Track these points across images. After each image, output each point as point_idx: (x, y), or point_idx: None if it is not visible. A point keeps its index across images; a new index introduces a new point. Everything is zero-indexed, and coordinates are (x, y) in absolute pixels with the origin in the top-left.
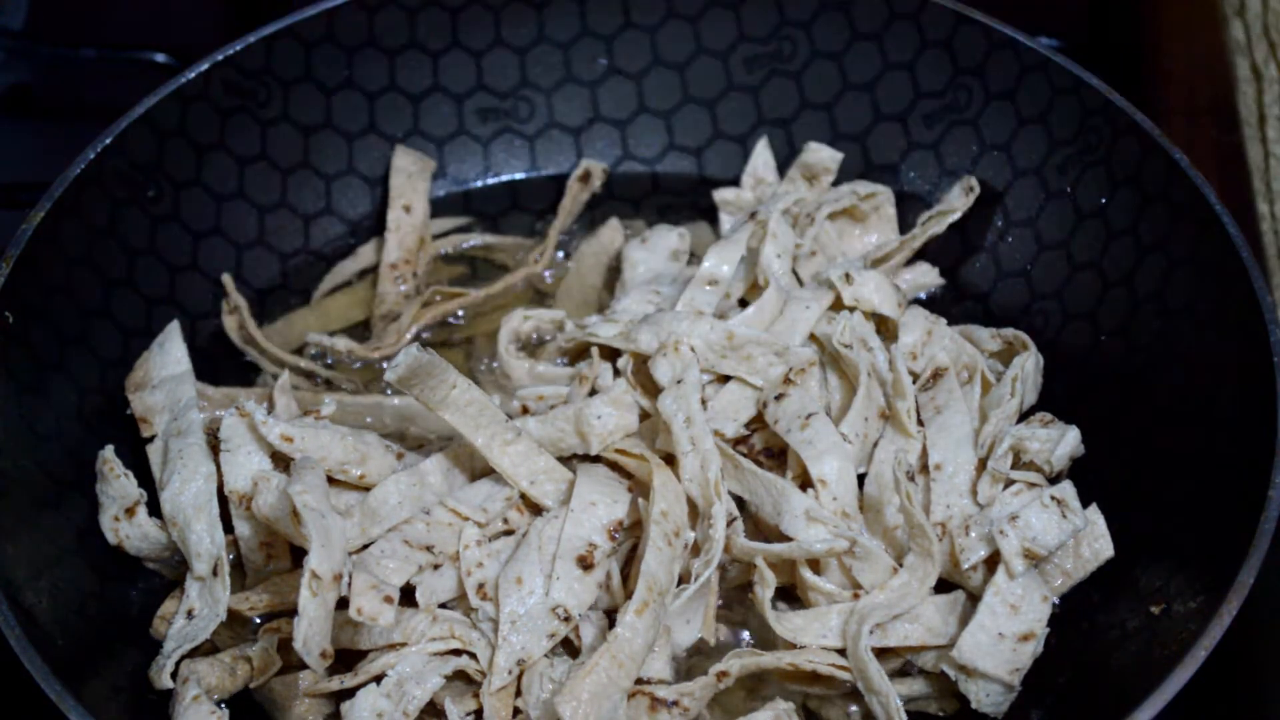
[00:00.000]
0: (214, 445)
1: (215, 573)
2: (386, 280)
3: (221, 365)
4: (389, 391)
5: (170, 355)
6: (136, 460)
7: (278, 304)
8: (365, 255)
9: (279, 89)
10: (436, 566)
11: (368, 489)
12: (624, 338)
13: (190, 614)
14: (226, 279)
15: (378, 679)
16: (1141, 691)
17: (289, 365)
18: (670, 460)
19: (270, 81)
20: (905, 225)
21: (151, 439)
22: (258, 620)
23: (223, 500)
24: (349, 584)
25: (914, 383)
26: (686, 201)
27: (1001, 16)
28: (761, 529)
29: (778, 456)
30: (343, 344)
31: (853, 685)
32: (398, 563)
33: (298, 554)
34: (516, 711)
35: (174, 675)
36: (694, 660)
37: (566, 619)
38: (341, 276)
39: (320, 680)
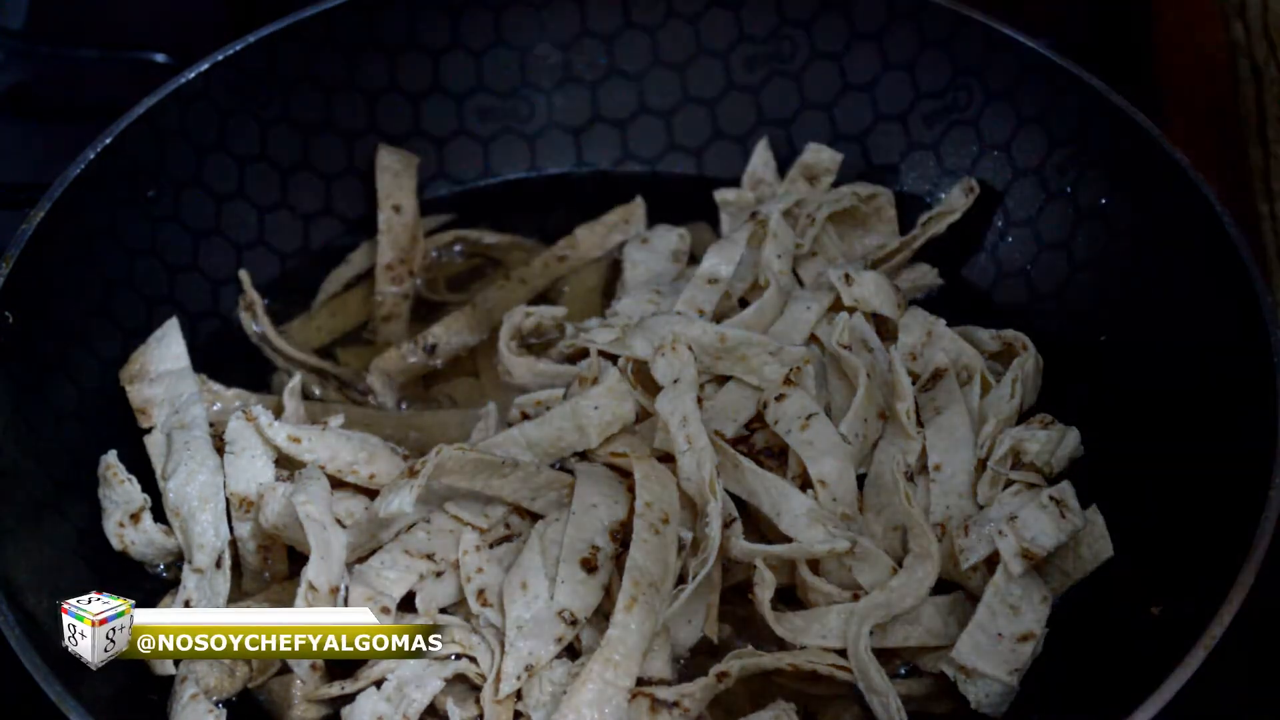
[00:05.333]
0: (219, 446)
1: (218, 565)
2: (384, 281)
3: (222, 366)
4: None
5: (169, 351)
6: (139, 463)
7: (277, 304)
8: (359, 260)
9: (279, 89)
10: (439, 575)
11: (376, 491)
12: (619, 344)
13: (188, 604)
14: (244, 275)
15: (378, 683)
16: (1141, 691)
17: (301, 362)
18: (670, 459)
19: (270, 81)
20: (905, 226)
21: (149, 430)
22: None
23: None
24: (345, 598)
25: (913, 383)
26: (686, 201)
27: (1001, 16)
28: (762, 529)
29: (778, 456)
30: (348, 374)
31: (853, 685)
32: (398, 573)
33: (295, 558)
34: (517, 715)
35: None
36: (695, 660)
37: (573, 622)
38: (337, 285)
39: (320, 686)
